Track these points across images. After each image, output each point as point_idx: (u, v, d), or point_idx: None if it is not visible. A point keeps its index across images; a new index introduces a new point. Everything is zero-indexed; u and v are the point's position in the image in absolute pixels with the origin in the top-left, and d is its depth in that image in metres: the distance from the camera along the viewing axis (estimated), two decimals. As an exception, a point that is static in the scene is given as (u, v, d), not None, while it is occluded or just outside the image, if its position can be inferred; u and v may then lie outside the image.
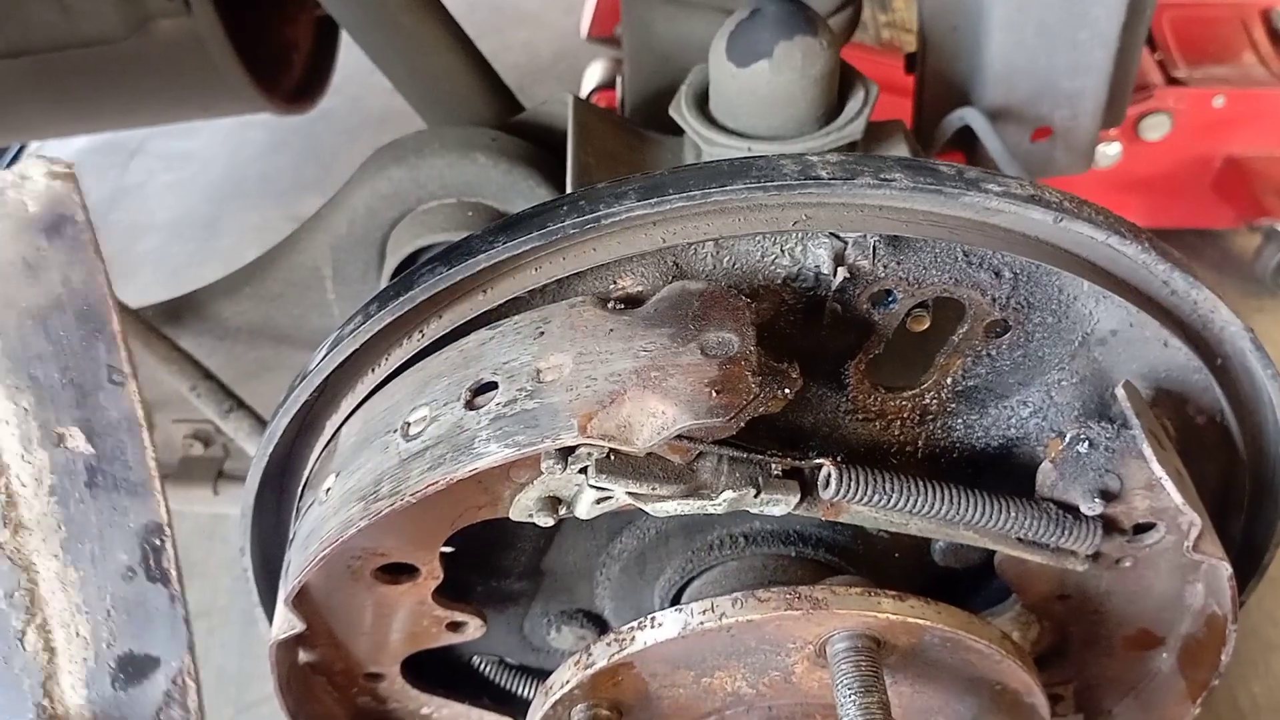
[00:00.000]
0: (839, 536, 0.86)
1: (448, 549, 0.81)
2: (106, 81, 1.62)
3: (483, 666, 0.98)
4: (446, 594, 0.83)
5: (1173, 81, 2.30)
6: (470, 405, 0.67)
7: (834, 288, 0.71)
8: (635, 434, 0.63)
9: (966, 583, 0.90)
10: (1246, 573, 0.88)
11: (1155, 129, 2.30)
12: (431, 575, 0.80)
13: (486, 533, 0.80)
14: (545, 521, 0.72)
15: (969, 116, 1.20)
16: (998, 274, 0.72)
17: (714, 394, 0.63)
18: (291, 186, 3.15)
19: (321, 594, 0.79)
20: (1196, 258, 2.48)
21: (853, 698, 0.66)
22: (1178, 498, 0.70)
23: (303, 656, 0.85)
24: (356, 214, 1.18)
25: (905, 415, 0.80)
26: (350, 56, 1.95)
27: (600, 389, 0.64)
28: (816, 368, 0.77)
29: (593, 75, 2.69)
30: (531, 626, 0.96)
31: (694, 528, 0.86)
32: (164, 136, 3.40)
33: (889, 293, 0.73)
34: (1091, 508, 0.73)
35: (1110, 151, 2.32)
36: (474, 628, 0.86)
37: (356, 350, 0.74)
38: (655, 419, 0.63)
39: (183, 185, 3.27)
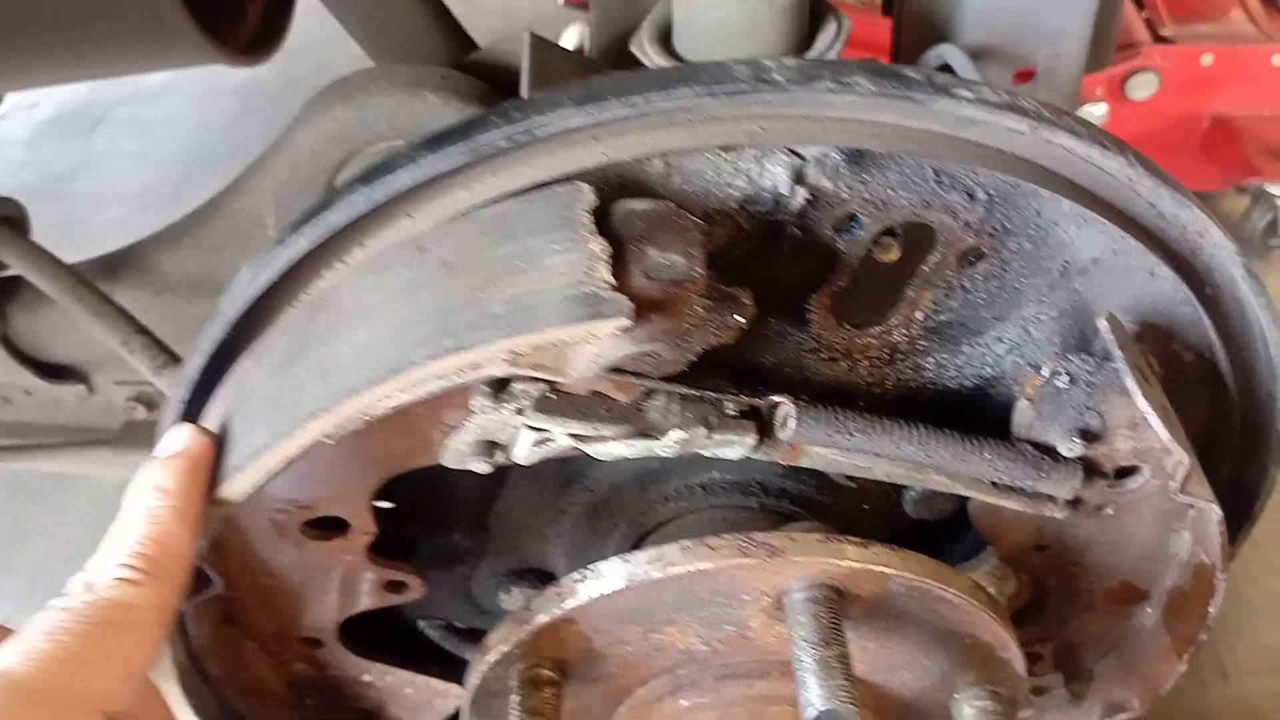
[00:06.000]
0: (803, 486, 0.81)
1: (386, 504, 0.76)
2: (50, 30, 1.54)
3: (429, 632, 0.93)
4: (387, 551, 0.78)
5: (1160, 39, 2.25)
6: None
7: (793, 211, 0.65)
8: (569, 363, 0.58)
9: (939, 536, 0.85)
10: (1234, 521, 0.83)
11: (1142, 88, 2.25)
12: (364, 530, 0.74)
13: (426, 482, 0.75)
14: (482, 468, 0.67)
15: (948, 54, 1.14)
16: (971, 195, 0.66)
17: (655, 319, 0.57)
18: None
19: (242, 551, 0.73)
20: (1183, 220, 2.43)
21: (810, 650, 0.60)
22: (1164, 434, 0.65)
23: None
24: (300, 157, 1.11)
25: (873, 354, 0.74)
26: (318, 23, 1.87)
27: None
28: (777, 301, 0.71)
29: (569, 40, 2.62)
30: (480, 588, 0.90)
31: (648, 479, 0.81)
32: (130, 104, 3.29)
33: (853, 217, 0.67)
34: (1071, 448, 0.68)
35: (1096, 112, 2.26)
36: (415, 587, 0.80)
37: (275, 284, 0.68)
38: (590, 346, 0.57)
39: (149, 154, 3.17)
